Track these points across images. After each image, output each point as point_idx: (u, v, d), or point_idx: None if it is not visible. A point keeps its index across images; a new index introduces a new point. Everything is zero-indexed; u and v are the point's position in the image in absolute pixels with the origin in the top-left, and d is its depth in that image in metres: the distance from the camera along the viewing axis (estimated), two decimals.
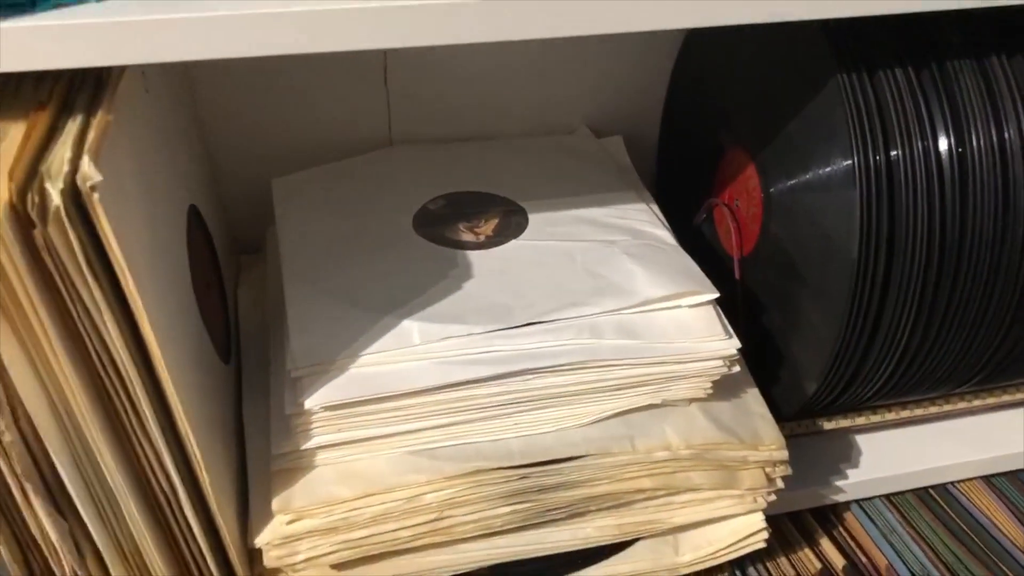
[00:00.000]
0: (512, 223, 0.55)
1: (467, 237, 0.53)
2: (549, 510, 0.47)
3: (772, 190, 0.52)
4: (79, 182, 0.32)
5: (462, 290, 0.49)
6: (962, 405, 0.58)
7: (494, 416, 0.47)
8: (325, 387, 0.44)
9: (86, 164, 0.33)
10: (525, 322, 0.47)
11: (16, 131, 0.35)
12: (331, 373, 0.45)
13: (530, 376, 0.46)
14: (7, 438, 0.36)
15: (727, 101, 0.57)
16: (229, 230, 0.62)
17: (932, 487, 0.60)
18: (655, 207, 0.57)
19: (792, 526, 0.57)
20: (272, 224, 0.58)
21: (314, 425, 0.45)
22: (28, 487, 0.38)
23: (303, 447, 0.45)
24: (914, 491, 0.60)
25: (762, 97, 0.52)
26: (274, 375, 0.49)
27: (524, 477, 0.46)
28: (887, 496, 0.60)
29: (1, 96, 0.36)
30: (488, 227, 0.54)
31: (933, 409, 0.58)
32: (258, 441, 0.48)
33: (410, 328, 0.46)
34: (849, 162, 0.45)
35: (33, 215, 0.32)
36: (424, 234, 0.54)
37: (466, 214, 0.55)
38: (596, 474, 0.47)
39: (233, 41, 0.34)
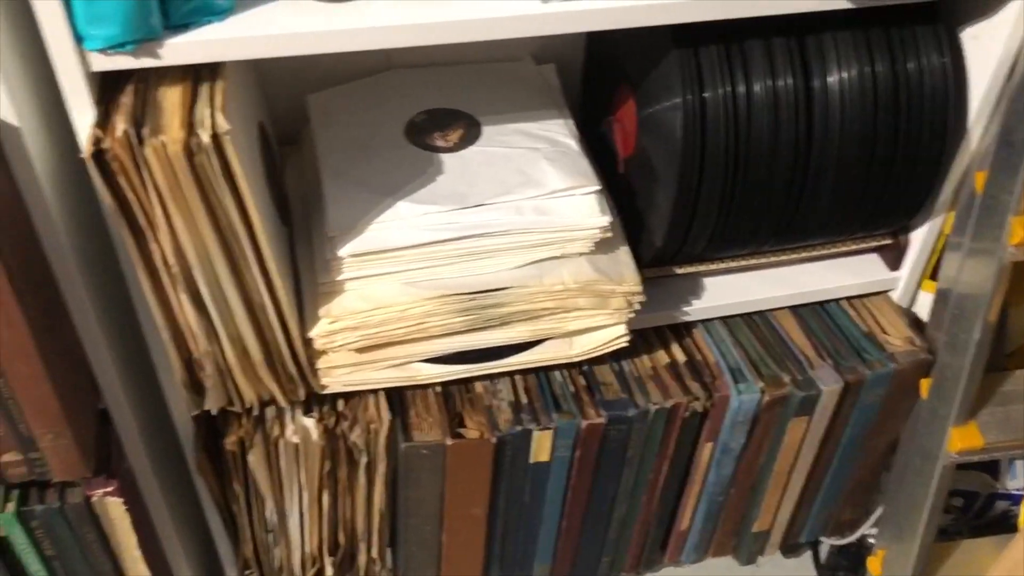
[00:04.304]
0: (471, 133, 0.80)
1: (440, 143, 0.79)
2: (488, 320, 0.75)
3: (642, 114, 0.78)
4: (217, 129, 0.59)
5: (435, 181, 0.75)
6: (773, 259, 0.86)
7: (454, 263, 0.74)
8: (350, 243, 0.71)
9: (220, 119, 0.59)
10: (475, 204, 0.73)
11: (172, 95, 0.61)
12: (353, 233, 0.72)
13: (477, 238, 0.73)
14: (174, 270, 0.64)
15: (621, 49, 0.82)
16: (276, 130, 0.88)
17: (754, 314, 0.89)
18: (571, 122, 0.83)
19: (655, 336, 0.86)
20: (306, 125, 0.84)
21: (343, 265, 0.72)
22: (183, 297, 0.66)
23: (337, 279, 0.72)
24: (742, 316, 0.88)
25: (638, 52, 0.78)
26: (316, 234, 0.76)
27: (472, 299, 0.73)
28: (723, 319, 0.88)
29: (159, 76, 0.62)
30: (455, 136, 0.80)
31: (754, 261, 0.85)
32: (307, 274, 0.75)
33: (400, 206, 0.72)
34: (679, 99, 0.71)
35: (193, 148, 0.59)
36: (411, 140, 0.79)
37: (440, 126, 0.81)
38: (517, 299, 0.74)
39: (286, 47, 0.59)
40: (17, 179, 0.60)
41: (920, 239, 0.86)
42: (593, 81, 0.91)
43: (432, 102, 0.84)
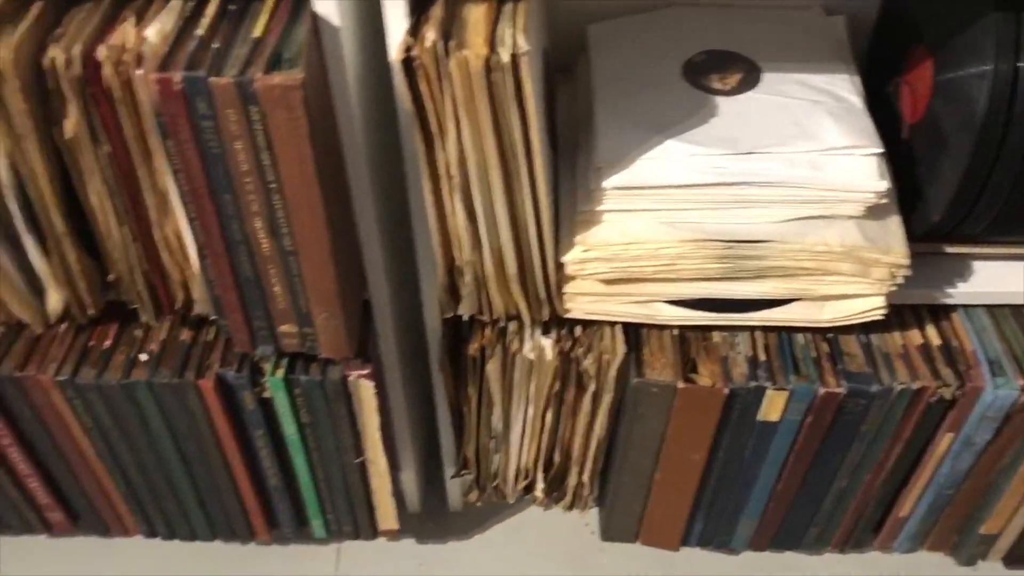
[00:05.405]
0: (750, 78, 0.78)
1: (717, 85, 0.78)
2: (742, 271, 0.74)
3: (939, 79, 0.73)
4: (516, 49, 0.61)
5: (707, 123, 0.74)
6: None
7: (717, 208, 0.73)
8: (615, 176, 0.72)
9: (521, 39, 0.61)
10: (747, 151, 0.72)
11: (478, 12, 0.64)
12: (619, 167, 0.72)
13: (744, 186, 0.72)
14: (455, 179, 0.68)
15: (923, 7, 0.76)
16: (552, 57, 0.89)
17: None
18: (857, 79, 0.79)
19: (911, 314, 0.82)
20: (582, 55, 0.85)
21: (605, 197, 0.73)
22: (458, 205, 0.69)
23: (597, 209, 0.74)
24: (1010, 306, 0.82)
25: (945, 12, 0.72)
26: (581, 163, 0.77)
27: (730, 248, 0.73)
28: (988, 307, 0.82)
29: None
30: (733, 79, 0.79)
31: None
32: (567, 201, 0.77)
33: (670, 145, 0.72)
34: (989, 67, 0.66)
35: (493, 65, 0.61)
36: (688, 80, 0.79)
37: (718, 67, 0.80)
38: (776, 254, 0.73)
39: None
40: (330, 76, 0.65)
41: None
42: (884, 38, 0.86)
43: (712, 43, 0.82)
